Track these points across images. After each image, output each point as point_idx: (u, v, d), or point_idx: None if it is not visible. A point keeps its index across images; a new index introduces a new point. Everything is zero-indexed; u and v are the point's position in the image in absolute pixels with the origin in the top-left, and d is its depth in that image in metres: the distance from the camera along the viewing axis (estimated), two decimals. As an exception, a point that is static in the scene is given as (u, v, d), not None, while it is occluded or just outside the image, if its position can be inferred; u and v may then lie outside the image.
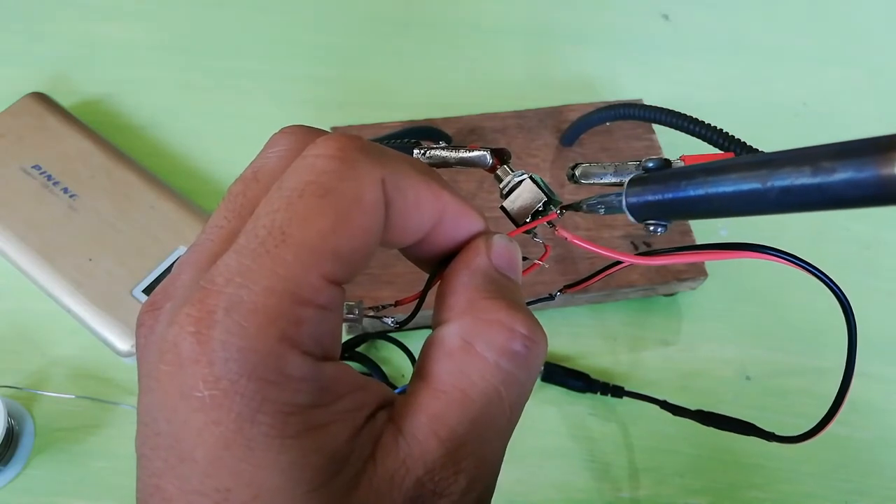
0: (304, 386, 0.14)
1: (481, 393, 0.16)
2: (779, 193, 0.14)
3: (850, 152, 0.13)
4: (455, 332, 0.17)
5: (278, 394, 0.14)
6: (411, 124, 0.49)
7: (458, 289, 0.18)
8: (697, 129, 0.36)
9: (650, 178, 0.19)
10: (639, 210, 0.19)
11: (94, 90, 0.54)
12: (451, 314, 0.17)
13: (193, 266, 0.16)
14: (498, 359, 0.16)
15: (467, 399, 0.16)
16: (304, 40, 0.59)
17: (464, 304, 0.17)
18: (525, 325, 0.17)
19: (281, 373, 0.14)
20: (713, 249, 0.21)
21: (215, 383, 0.13)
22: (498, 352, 0.16)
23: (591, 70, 0.59)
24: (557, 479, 0.41)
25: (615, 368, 0.45)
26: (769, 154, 0.15)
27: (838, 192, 0.13)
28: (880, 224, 0.51)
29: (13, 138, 0.47)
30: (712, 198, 0.16)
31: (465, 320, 0.17)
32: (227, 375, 0.13)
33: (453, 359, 0.17)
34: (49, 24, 0.58)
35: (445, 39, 0.60)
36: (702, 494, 0.41)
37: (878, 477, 0.42)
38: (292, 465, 0.14)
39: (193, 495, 0.14)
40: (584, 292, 0.44)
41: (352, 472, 0.15)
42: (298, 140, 0.17)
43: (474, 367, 0.16)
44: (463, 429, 0.16)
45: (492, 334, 0.17)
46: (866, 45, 0.62)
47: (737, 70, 0.60)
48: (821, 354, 0.46)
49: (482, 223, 0.19)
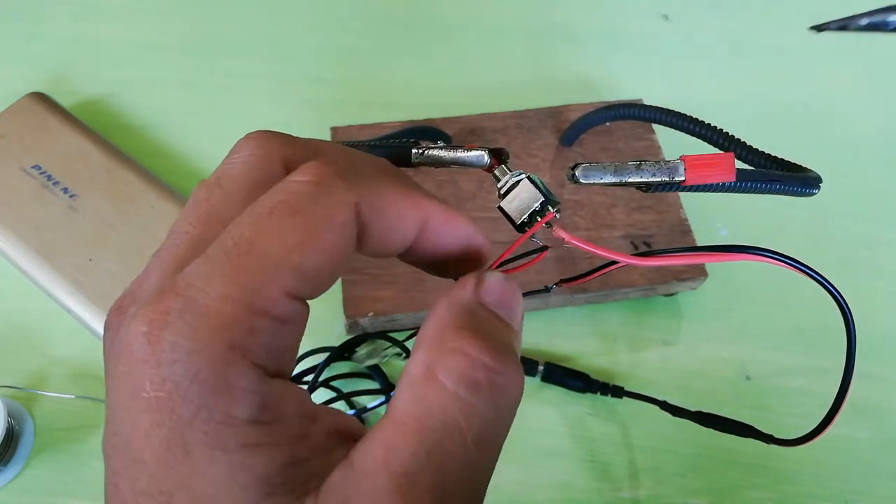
0: (246, 398, 0.14)
1: (439, 422, 0.15)
2: None
3: None
4: (418, 360, 0.16)
5: (217, 401, 0.13)
6: (411, 124, 0.49)
7: (434, 320, 0.17)
8: (697, 128, 0.36)
9: None
10: None
11: (95, 90, 0.54)
12: (419, 343, 0.17)
13: (159, 270, 0.16)
14: (457, 387, 0.16)
15: (423, 428, 0.15)
16: (304, 40, 0.59)
17: (433, 333, 0.17)
18: (491, 355, 0.16)
19: (225, 380, 0.14)
20: (712, 251, 0.21)
21: (161, 385, 0.13)
22: (457, 380, 0.16)
23: (591, 70, 0.59)
24: (557, 479, 0.41)
25: (615, 368, 0.45)
26: None
27: None
28: (879, 224, 0.51)
29: (13, 138, 0.47)
30: None
31: (428, 349, 0.16)
32: (173, 377, 0.13)
33: (414, 387, 0.16)
34: (49, 24, 0.58)
35: (445, 39, 0.60)
36: (702, 494, 0.41)
37: (878, 477, 0.42)
38: (221, 479, 0.13)
39: (142, 496, 0.14)
40: (584, 292, 0.44)
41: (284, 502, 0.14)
42: (262, 146, 0.18)
43: (433, 396, 0.15)
44: (417, 462, 0.15)
45: (452, 362, 0.16)
46: (866, 46, 0.62)
47: (737, 70, 0.60)
48: (821, 354, 0.46)
49: (468, 225, 0.19)
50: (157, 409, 0.13)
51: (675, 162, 0.23)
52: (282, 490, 0.14)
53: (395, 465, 0.15)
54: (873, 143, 0.55)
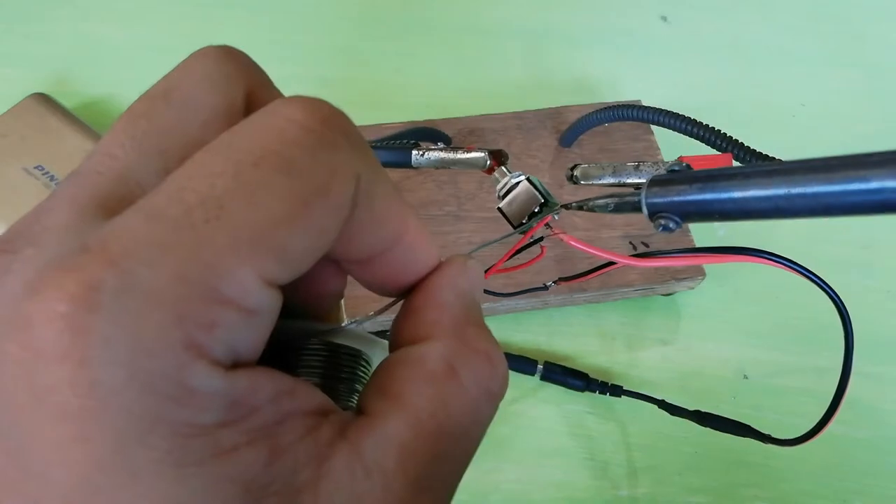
0: (210, 402, 0.11)
1: (456, 427, 0.14)
2: (832, 199, 0.14)
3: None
4: (440, 353, 0.14)
5: (177, 412, 0.11)
6: (411, 125, 0.50)
7: (443, 306, 0.15)
8: (696, 130, 0.36)
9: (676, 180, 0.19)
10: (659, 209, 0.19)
11: (97, 91, 0.55)
12: (434, 331, 0.15)
13: (72, 204, 0.12)
14: (478, 394, 0.14)
15: (442, 433, 0.14)
16: (304, 41, 0.59)
17: (450, 324, 0.15)
18: (505, 365, 0.15)
19: (182, 386, 0.11)
20: (710, 252, 0.21)
21: (89, 391, 0.10)
22: (479, 386, 0.14)
23: (590, 71, 0.59)
24: (556, 478, 0.41)
25: (614, 368, 0.45)
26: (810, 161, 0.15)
27: None
28: (878, 224, 0.52)
29: (15, 138, 0.47)
30: (750, 200, 0.16)
31: (450, 343, 0.15)
32: (108, 382, 0.10)
33: (436, 385, 0.14)
34: (51, 25, 0.58)
35: (445, 41, 0.60)
36: (700, 493, 0.41)
37: (876, 476, 0.42)
38: (193, 498, 0.11)
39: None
40: (583, 291, 0.44)
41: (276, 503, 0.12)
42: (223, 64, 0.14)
43: (455, 399, 0.14)
44: (433, 468, 0.13)
45: (477, 366, 0.15)
46: (865, 47, 0.62)
47: (735, 71, 0.60)
48: (819, 354, 0.46)
49: (437, 261, 0.16)
50: (79, 421, 0.10)
51: (673, 163, 0.23)
52: (272, 490, 0.12)
53: (412, 468, 0.13)
54: (871, 144, 0.55)
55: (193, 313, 0.11)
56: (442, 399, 0.14)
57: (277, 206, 0.11)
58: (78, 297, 0.10)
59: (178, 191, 0.11)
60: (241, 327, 0.11)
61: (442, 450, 0.14)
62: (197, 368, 0.11)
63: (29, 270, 0.11)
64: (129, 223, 0.11)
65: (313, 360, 0.15)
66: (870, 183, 0.13)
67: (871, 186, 0.13)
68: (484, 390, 0.15)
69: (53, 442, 0.10)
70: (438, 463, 0.14)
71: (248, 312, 0.11)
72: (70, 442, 0.10)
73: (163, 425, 0.11)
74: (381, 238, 0.14)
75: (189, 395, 0.11)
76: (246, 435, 0.12)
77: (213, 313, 0.11)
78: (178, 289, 0.11)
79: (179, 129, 0.13)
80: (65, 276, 0.10)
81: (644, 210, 0.19)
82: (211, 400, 0.11)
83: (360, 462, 0.13)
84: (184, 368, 0.11)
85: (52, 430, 0.10)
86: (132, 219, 0.11)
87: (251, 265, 0.11)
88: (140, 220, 0.11)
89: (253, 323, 0.12)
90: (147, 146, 0.13)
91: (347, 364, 0.16)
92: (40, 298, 0.10)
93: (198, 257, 0.11)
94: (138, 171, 0.13)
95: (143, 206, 0.11)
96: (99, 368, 0.10)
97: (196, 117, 0.14)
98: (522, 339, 0.46)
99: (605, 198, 0.21)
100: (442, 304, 0.15)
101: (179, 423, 0.11)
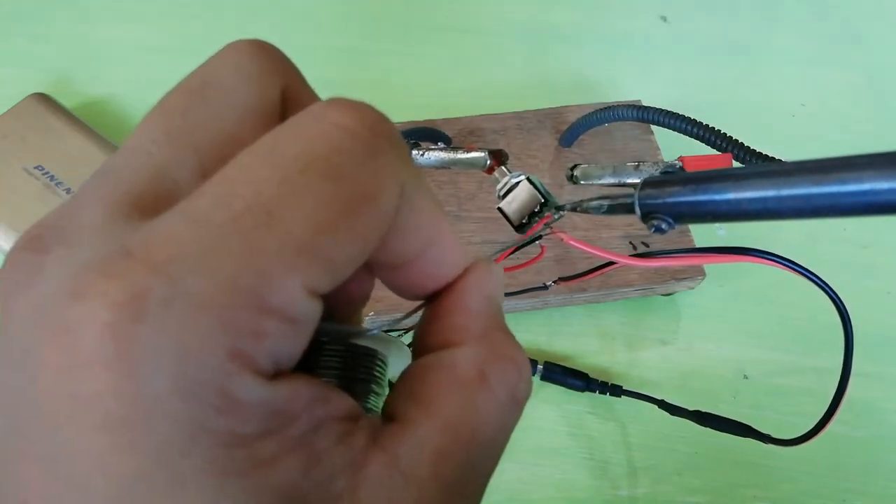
0: (253, 412, 0.11)
1: (487, 433, 0.14)
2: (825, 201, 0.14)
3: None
4: (471, 359, 0.14)
5: (221, 422, 0.11)
6: (412, 125, 0.50)
7: (471, 311, 0.15)
8: (695, 130, 0.36)
9: (669, 181, 0.19)
10: (652, 210, 0.19)
11: (97, 91, 0.55)
12: (464, 337, 0.15)
13: (104, 202, 0.12)
14: (507, 401, 0.14)
15: (474, 441, 0.14)
16: (304, 42, 0.59)
17: (479, 329, 0.15)
18: (529, 370, 0.15)
19: (227, 396, 0.11)
20: (710, 253, 0.21)
21: (132, 402, 0.10)
22: (507, 393, 0.14)
23: (590, 71, 0.59)
24: (556, 478, 0.41)
25: (614, 367, 0.45)
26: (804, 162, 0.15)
27: None
28: (877, 224, 0.52)
29: (16, 139, 0.48)
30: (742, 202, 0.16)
31: (480, 349, 0.15)
32: (153, 391, 0.10)
33: (468, 391, 0.14)
34: (51, 26, 0.58)
35: (445, 41, 0.60)
36: (700, 493, 0.41)
37: (875, 475, 0.42)
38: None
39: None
40: (583, 291, 0.44)
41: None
42: (260, 60, 0.14)
43: (486, 405, 0.14)
44: (465, 475, 0.13)
45: (507, 372, 0.14)
46: (864, 47, 0.62)
47: (735, 71, 0.60)
48: (819, 354, 0.46)
49: (464, 266, 0.16)
50: (122, 430, 0.10)
51: (673, 163, 0.23)
52: (311, 499, 0.11)
53: (446, 475, 0.13)
54: (871, 144, 0.56)
55: (240, 323, 0.10)
56: (474, 406, 0.14)
57: (325, 215, 0.11)
58: (123, 304, 0.10)
59: (223, 195, 0.11)
60: (286, 337, 0.11)
61: (474, 456, 0.14)
62: (242, 378, 0.11)
63: (64, 273, 0.11)
64: (173, 227, 0.11)
65: (332, 361, 0.15)
66: (862, 184, 0.13)
67: (864, 188, 0.13)
68: (511, 396, 0.14)
69: (94, 451, 0.10)
70: (470, 470, 0.14)
71: (293, 322, 0.11)
72: (112, 451, 0.10)
73: (206, 435, 0.10)
74: (417, 244, 0.14)
75: (233, 404, 0.11)
76: (284, 444, 0.11)
77: (259, 323, 0.11)
78: (226, 298, 0.10)
79: (215, 125, 0.13)
80: (108, 282, 0.10)
81: (637, 211, 0.19)
82: (254, 410, 0.11)
83: (397, 469, 0.12)
84: (229, 378, 0.11)
85: (93, 440, 0.10)
86: (175, 222, 0.11)
87: (298, 274, 0.11)
88: (184, 224, 0.11)
89: (296, 332, 0.12)
90: (182, 143, 0.13)
91: (365, 364, 0.16)
92: (83, 305, 0.10)
93: (247, 265, 0.10)
94: (173, 168, 0.12)
95: (186, 209, 0.11)
96: (143, 378, 0.10)
97: (232, 114, 0.13)
98: (522, 339, 0.45)
99: (599, 199, 0.21)
100: (470, 309, 0.15)
101: (222, 432, 0.11)
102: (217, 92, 0.13)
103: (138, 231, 0.11)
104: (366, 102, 0.13)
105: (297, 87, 0.15)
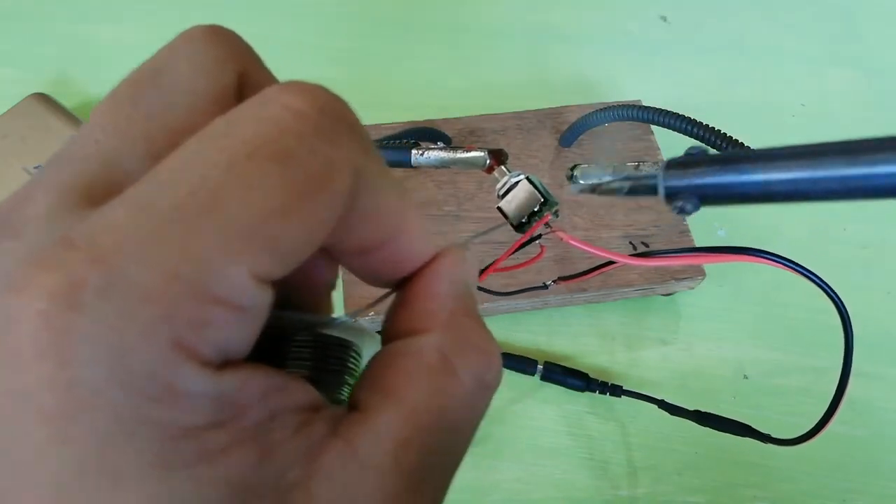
0: (199, 403, 0.11)
1: (452, 420, 0.14)
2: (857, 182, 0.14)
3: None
4: (435, 346, 0.14)
5: (163, 413, 0.10)
6: (411, 125, 0.50)
7: (438, 297, 0.15)
8: (696, 130, 0.36)
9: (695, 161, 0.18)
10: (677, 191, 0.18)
11: (97, 91, 0.55)
12: (431, 323, 0.14)
13: (53, 192, 0.12)
14: (474, 387, 0.14)
15: (437, 428, 0.13)
16: (304, 42, 0.59)
17: (444, 315, 0.15)
18: (499, 356, 0.15)
19: (169, 387, 0.10)
20: (710, 252, 0.21)
21: (67, 391, 0.10)
22: (474, 379, 0.14)
23: (590, 71, 0.59)
24: (556, 478, 0.41)
25: (613, 367, 0.45)
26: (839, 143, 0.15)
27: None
28: (878, 224, 0.52)
29: (16, 139, 0.48)
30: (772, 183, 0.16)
31: (445, 335, 0.14)
32: (90, 382, 0.10)
33: (431, 377, 0.14)
34: (51, 25, 0.58)
35: (446, 41, 0.60)
36: (700, 493, 0.41)
37: (875, 475, 0.42)
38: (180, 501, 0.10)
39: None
40: (583, 291, 0.44)
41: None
42: (214, 45, 0.14)
43: (451, 392, 0.14)
44: (428, 463, 0.13)
45: (473, 358, 0.14)
46: (865, 47, 0.62)
47: (735, 71, 0.60)
48: (819, 354, 0.46)
49: (433, 253, 0.15)
50: (57, 421, 0.10)
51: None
52: (262, 491, 0.11)
53: (407, 464, 0.13)
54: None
55: (183, 312, 0.10)
56: (437, 393, 0.13)
57: (272, 200, 0.11)
58: (58, 294, 0.10)
59: (167, 182, 0.11)
60: (231, 326, 0.11)
61: (437, 444, 0.13)
62: (185, 369, 0.10)
63: (8, 264, 0.11)
64: (116, 215, 0.10)
65: (303, 352, 0.15)
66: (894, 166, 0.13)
67: None
68: (479, 382, 0.14)
69: (33, 444, 0.10)
70: (434, 457, 0.13)
71: (240, 310, 0.11)
72: (49, 443, 0.10)
73: (148, 427, 0.10)
74: (378, 231, 0.14)
75: (176, 396, 0.10)
76: (235, 435, 0.11)
77: (203, 312, 0.10)
78: (168, 287, 0.10)
79: (167, 113, 0.13)
80: (47, 273, 0.10)
81: (661, 191, 0.19)
82: (199, 401, 0.11)
83: (354, 458, 0.12)
84: (171, 369, 0.10)
85: (32, 432, 0.10)
86: (119, 210, 0.11)
87: (244, 262, 0.11)
88: (128, 213, 0.10)
89: (244, 321, 0.11)
90: (133, 132, 0.12)
91: (337, 355, 0.16)
92: (20, 296, 0.10)
93: (189, 254, 0.10)
94: (124, 157, 0.12)
95: (131, 197, 0.11)
96: (78, 368, 0.10)
97: (185, 101, 0.13)
98: (522, 339, 0.46)
99: (620, 179, 0.21)
100: (437, 295, 0.15)
101: (165, 424, 0.10)
102: (170, 79, 0.13)
103: (84, 220, 0.11)
104: (321, 85, 0.12)
105: (254, 73, 0.14)
